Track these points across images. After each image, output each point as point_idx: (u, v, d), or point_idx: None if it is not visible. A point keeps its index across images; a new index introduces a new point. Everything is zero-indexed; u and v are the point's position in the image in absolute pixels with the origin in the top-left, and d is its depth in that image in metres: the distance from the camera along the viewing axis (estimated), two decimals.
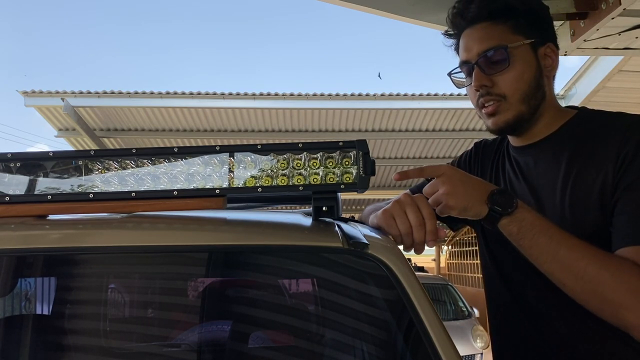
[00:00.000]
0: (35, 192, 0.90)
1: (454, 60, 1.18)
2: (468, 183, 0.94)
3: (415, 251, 0.97)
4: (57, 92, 6.02)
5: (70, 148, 6.75)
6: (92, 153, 0.92)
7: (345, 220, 1.01)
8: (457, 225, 1.31)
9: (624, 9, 2.17)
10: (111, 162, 0.91)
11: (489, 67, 1.05)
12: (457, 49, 1.15)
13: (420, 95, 6.25)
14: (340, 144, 0.92)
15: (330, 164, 0.92)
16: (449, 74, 1.15)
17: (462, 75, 1.13)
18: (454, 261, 12.61)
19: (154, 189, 0.90)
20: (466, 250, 11.40)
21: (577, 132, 1.03)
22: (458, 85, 1.15)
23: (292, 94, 6.17)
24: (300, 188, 0.90)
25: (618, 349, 0.94)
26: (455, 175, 0.94)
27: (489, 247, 1.14)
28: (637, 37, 2.60)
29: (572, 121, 1.06)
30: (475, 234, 1.25)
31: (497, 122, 1.05)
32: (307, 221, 0.97)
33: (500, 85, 1.04)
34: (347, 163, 0.92)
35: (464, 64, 1.10)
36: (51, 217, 0.92)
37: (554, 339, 1.00)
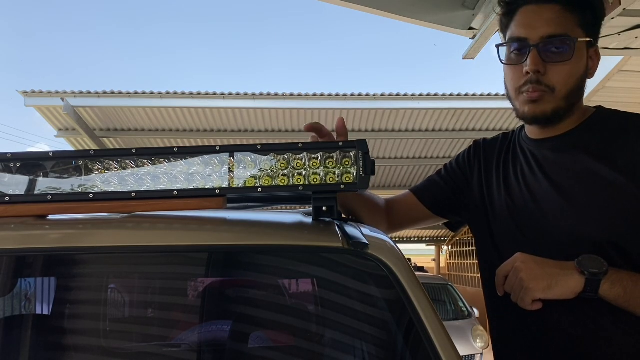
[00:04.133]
0: (35, 192, 0.90)
1: (452, 60, 1.17)
2: (544, 263, 0.94)
3: None
4: (57, 92, 6.02)
5: (70, 148, 6.75)
6: (92, 153, 0.92)
7: (345, 220, 1.01)
8: (457, 227, 1.30)
9: (624, 9, 2.17)
10: (111, 162, 0.91)
11: (550, 55, 1.00)
12: (503, 22, 1.08)
13: (420, 95, 6.25)
14: (340, 144, 0.92)
15: (330, 164, 0.91)
16: (498, 46, 1.08)
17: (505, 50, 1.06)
18: (454, 261, 12.61)
19: (154, 189, 0.90)
20: (466, 250, 11.40)
21: (598, 128, 1.04)
22: (506, 61, 1.06)
23: (292, 94, 6.17)
24: (300, 188, 0.90)
25: (629, 346, 0.94)
26: (528, 258, 0.95)
27: (497, 248, 1.12)
28: (637, 37, 2.60)
29: (593, 118, 1.07)
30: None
31: (535, 110, 1.02)
32: (307, 221, 0.97)
33: (551, 76, 1.00)
34: (347, 163, 0.91)
35: (518, 40, 1.03)
36: (51, 217, 0.92)
37: (562, 339, 0.99)
